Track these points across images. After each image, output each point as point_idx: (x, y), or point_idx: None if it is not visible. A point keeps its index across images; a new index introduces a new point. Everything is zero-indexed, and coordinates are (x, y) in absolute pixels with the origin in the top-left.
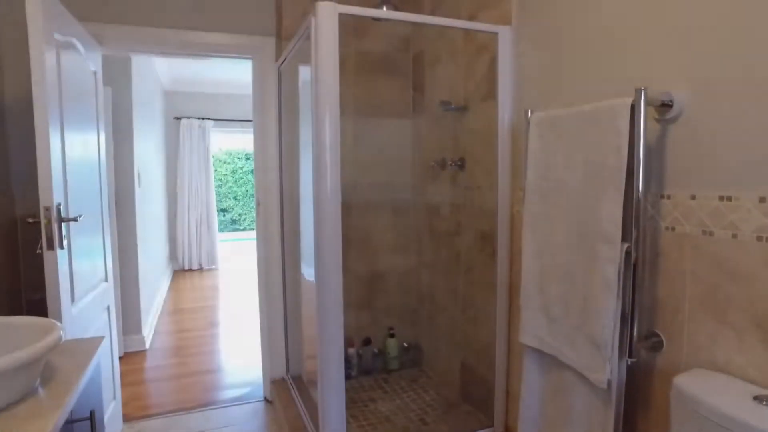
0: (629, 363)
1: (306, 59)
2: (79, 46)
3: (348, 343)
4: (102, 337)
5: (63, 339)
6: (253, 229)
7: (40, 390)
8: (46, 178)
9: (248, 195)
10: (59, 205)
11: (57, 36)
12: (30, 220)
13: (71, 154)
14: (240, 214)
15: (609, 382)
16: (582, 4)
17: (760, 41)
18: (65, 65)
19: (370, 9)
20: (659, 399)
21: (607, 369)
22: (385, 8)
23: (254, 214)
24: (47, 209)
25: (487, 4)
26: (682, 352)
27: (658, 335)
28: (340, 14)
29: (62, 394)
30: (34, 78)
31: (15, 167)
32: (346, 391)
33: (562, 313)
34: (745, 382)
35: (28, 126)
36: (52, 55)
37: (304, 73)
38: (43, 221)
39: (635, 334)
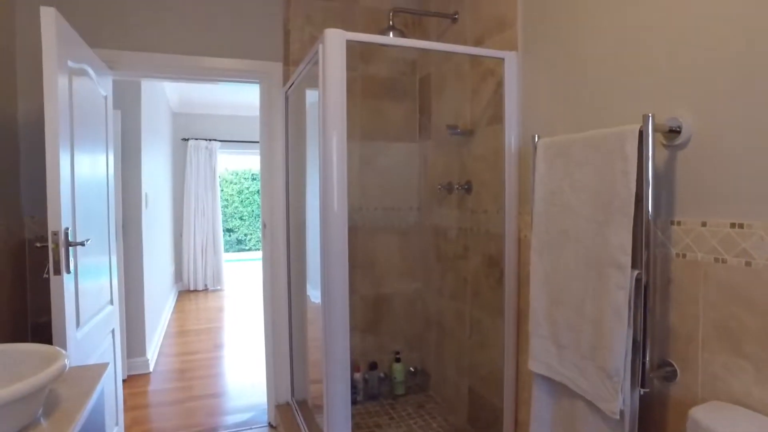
0: (642, 393)
1: (313, 84)
2: (91, 72)
3: (354, 367)
4: (106, 364)
5: (67, 368)
6: (258, 249)
7: (42, 421)
8: (55, 203)
9: (254, 215)
10: (67, 229)
11: (70, 63)
12: (38, 245)
13: (80, 178)
14: (246, 234)
15: (621, 413)
16: (588, 31)
17: None
18: (77, 91)
19: (377, 36)
20: (674, 431)
21: (619, 399)
22: (391, 34)
23: (260, 234)
24: (55, 234)
25: (494, 29)
26: (696, 383)
27: (671, 364)
28: (348, 41)
29: (65, 424)
30: (46, 106)
31: (25, 190)
32: (352, 416)
33: (571, 340)
34: (764, 416)
35: (39, 149)
36: (64, 83)
37: (312, 97)
38: (50, 246)
39: (647, 362)
